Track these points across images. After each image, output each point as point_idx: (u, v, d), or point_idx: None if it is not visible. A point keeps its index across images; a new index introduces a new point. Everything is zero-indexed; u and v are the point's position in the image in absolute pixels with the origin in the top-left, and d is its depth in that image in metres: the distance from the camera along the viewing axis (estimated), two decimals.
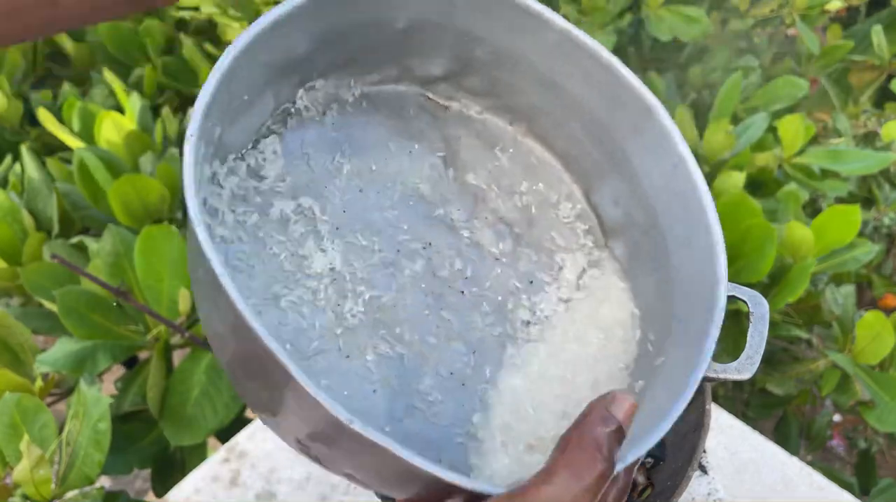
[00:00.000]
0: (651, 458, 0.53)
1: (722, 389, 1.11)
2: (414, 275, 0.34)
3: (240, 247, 0.31)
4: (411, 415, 0.32)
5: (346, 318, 0.32)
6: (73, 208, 0.94)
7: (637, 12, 1.22)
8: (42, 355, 0.76)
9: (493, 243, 0.37)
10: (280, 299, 0.31)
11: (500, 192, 0.37)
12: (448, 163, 0.37)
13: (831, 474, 0.89)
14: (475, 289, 0.36)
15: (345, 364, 0.32)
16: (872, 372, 0.86)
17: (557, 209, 0.38)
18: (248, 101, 0.30)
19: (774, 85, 1.19)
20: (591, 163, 0.36)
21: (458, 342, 0.34)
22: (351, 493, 0.61)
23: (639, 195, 0.35)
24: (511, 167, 0.38)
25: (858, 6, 1.47)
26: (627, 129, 0.34)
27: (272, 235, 0.32)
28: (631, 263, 0.37)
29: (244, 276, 0.30)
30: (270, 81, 0.30)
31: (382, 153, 0.36)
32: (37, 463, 0.59)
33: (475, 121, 0.37)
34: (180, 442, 0.78)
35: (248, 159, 0.32)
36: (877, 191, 1.15)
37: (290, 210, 0.32)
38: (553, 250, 0.37)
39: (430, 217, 0.36)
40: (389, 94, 0.35)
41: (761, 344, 0.43)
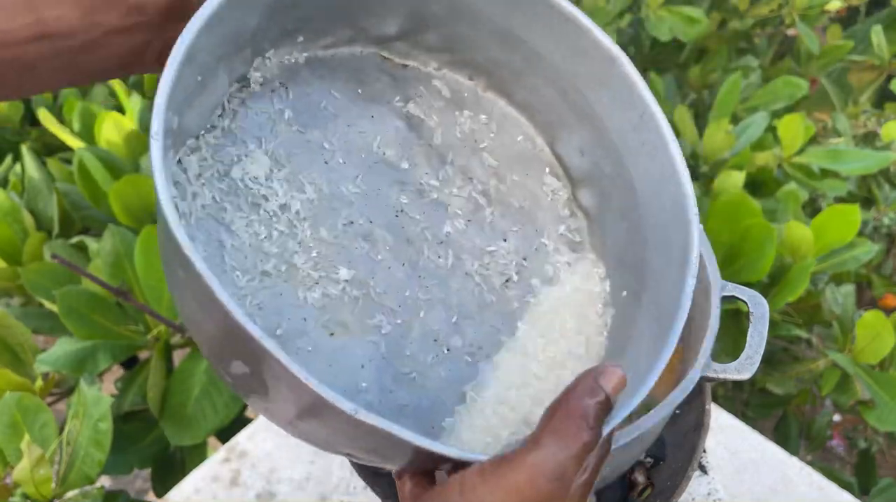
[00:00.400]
0: (651, 458, 0.53)
1: (722, 389, 1.11)
2: (388, 244, 0.34)
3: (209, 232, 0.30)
4: (401, 385, 0.32)
5: (326, 295, 0.32)
6: (73, 208, 0.94)
7: (637, 12, 1.23)
8: (42, 355, 0.76)
9: (465, 204, 0.36)
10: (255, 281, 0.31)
11: (466, 151, 0.37)
12: (412, 125, 0.36)
13: (831, 474, 0.89)
14: (451, 252, 0.35)
15: (329, 342, 0.32)
16: (872, 371, 0.86)
17: (525, 163, 0.38)
18: (202, 83, 0.29)
19: (774, 85, 1.19)
20: (555, 115, 0.36)
21: (439, 308, 0.34)
22: (351, 493, 0.61)
23: (605, 145, 0.35)
24: (474, 124, 0.37)
25: (858, 6, 1.47)
26: (591, 80, 0.34)
27: (242, 218, 0.31)
28: (600, 213, 0.37)
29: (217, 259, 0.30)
30: (222, 58, 0.30)
31: (344, 121, 0.35)
32: (37, 462, 0.59)
33: (434, 77, 0.37)
34: (180, 441, 0.78)
35: (206, 141, 0.31)
36: (876, 191, 1.15)
37: (258, 191, 0.32)
38: (524, 206, 0.37)
39: (399, 182, 0.35)
40: (345, 57, 0.35)
41: (761, 344, 0.43)
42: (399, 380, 0.33)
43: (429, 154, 0.36)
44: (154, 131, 0.25)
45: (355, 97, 0.35)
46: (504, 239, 0.37)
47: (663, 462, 0.52)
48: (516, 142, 0.37)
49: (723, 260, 0.85)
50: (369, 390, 0.32)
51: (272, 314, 0.31)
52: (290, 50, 0.33)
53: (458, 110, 0.37)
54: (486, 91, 0.37)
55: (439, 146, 0.36)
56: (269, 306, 0.31)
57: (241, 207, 0.31)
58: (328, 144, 0.34)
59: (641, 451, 0.47)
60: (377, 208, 0.35)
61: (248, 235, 0.31)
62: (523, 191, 0.37)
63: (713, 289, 0.44)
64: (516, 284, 0.36)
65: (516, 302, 0.36)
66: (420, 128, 0.36)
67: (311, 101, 0.34)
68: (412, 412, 0.32)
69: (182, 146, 0.30)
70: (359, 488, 0.60)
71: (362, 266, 0.33)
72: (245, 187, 0.32)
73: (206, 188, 0.31)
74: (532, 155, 0.38)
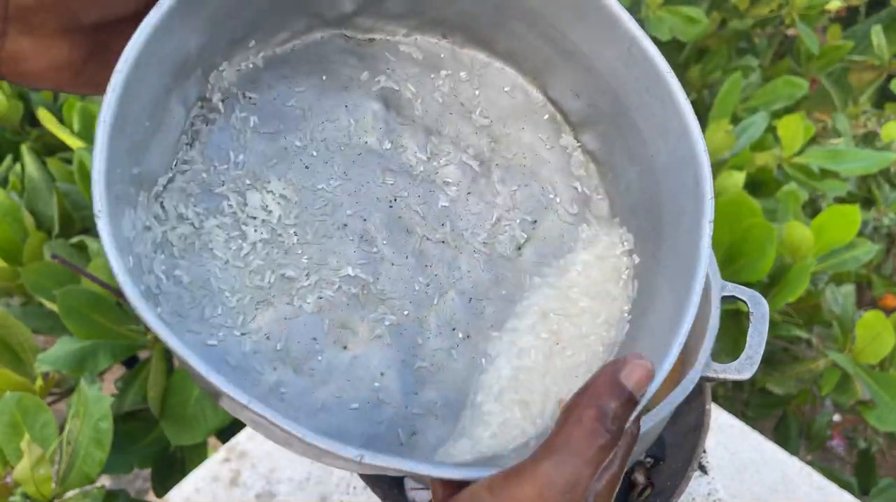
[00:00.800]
0: (651, 458, 0.53)
1: (722, 389, 1.11)
2: (388, 239, 0.32)
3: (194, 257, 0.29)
4: (425, 385, 0.31)
5: (329, 303, 0.31)
6: (73, 208, 0.94)
7: (637, 12, 1.22)
8: (43, 354, 0.76)
9: (461, 177, 0.34)
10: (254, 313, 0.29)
11: (453, 117, 0.34)
12: (389, 104, 0.34)
13: (831, 474, 0.89)
14: (454, 232, 0.33)
15: (344, 356, 0.30)
16: (872, 371, 0.86)
17: (518, 116, 0.35)
18: (154, 123, 0.27)
19: (774, 85, 1.19)
20: (541, 59, 0.33)
21: (451, 294, 0.33)
22: (351, 493, 0.61)
23: (598, 84, 0.32)
24: (454, 83, 0.34)
25: (858, 6, 1.47)
26: (570, 17, 0.31)
27: (224, 237, 0.30)
28: (609, 156, 0.34)
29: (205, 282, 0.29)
30: (170, 89, 0.27)
31: (316, 117, 0.33)
32: (37, 462, 0.59)
33: (404, 45, 0.34)
34: (181, 441, 0.78)
35: (179, 170, 0.29)
36: (876, 191, 1.15)
37: (238, 208, 0.30)
38: (524, 163, 0.35)
39: (387, 170, 0.33)
40: (305, 48, 0.32)
41: (761, 343, 0.43)
42: (422, 380, 0.31)
43: (413, 130, 0.34)
44: (97, 209, 0.22)
45: (324, 89, 0.33)
46: (508, 202, 0.34)
47: (663, 462, 0.52)
48: (504, 93, 0.35)
49: (723, 260, 0.85)
50: (391, 400, 0.30)
51: (280, 341, 0.30)
52: (245, 56, 0.31)
53: (435, 72, 0.34)
54: (464, 47, 0.34)
55: (422, 118, 0.34)
56: (275, 333, 0.30)
57: (221, 227, 0.30)
58: (304, 145, 0.32)
59: (641, 451, 0.47)
60: (369, 203, 0.33)
61: (232, 253, 0.30)
62: (521, 147, 0.35)
63: (713, 288, 0.44)
64: (529, 250, 0.34)
65: (532, 271, 0.34)
66: (399, 104, 0.34)
67: (277, 104, 0.32)
68: (441, 410, 0.31)
69: (154, 186, 0.28)
70: (359, 488, 0.60)
71: (364, 268, 0.32)
72: (225, 207, 0.30)
73: (184, 216, 0.29)
74: (524, 105, 0.35)
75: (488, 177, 0.34)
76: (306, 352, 0.30)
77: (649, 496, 0.51)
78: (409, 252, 0.33)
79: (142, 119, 0.26)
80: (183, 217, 0.29)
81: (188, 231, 0.29)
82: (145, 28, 0.24)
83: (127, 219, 0.26)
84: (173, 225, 0.29)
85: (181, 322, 0.28)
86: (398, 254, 0.32)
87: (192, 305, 0.28)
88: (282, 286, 0.30)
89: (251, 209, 0.30)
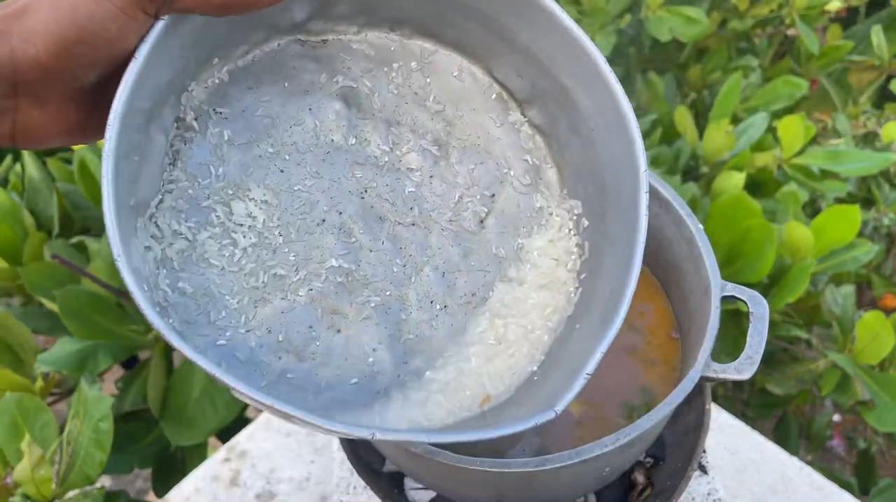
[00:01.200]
0: (651, 458, 0.53)
1: (722, 389, 1.11)
2: (364, 228, 0.35)
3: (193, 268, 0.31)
4: (413, 354, 0.35)
5: (319, 293, 0.34)
6: (73, 208, 0.94)
7: (637, 13, 1.22)
8: (43, 355, 0.76)
9: (422, 162, 0.37)
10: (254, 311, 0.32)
11: (409, 106, 0.37)
12: (349, 102, 0.36)
13: (831, 474, 0.89)
14: (422, 214, 0.36)
15: (339, 339, 0.34)
16: (872, 372, 0.86)
17: (468, 98, 0.37)
18: (141, 156, 0.29)
19: (774, 85, 1.19)
20: (484, 46, 0.36)
21: (426, 270, 0.36)
22: (351, 493, 0.61)
23: (537, 67, 0.35)
24: (408, 75, 0.37)
25: (858, 6, 1.47)
26: (506, 11, 0.34)
27: (216, 246, 0.32)
28: (553, 129, 0.37)
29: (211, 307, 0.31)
30: (151, 120, 0.30)
31: (284, 122, 0.35)
32: (37, 462, 0.59)
33: (356, 42, 0.36)
34: (181, 441, 0.78)
35: (167, 190, 0.32)
36: (876, 192, 1.15)
37: (224, 218, 0.33)
38: (478, 142, 0.38)
39: (355, 164, 0.36)
40: (265, 57, 0.34)
41: (761, 344, 0.43)
42: (410, 350, 0.35)
43: (374, 123, 0.36)
44: (116, 254, 0.25)
45: (288, 95, 0.35)
46: (468, 180, 0.37)
47: (663, 462, 0.52)
48: (453, 78, 0.37)
49: (723, 260, 0.85)
50: (385, 371, 0.34)
51: (280, 333, 0.32)
52: (211, 73, 0.33)
53: (387, 66, 0.36)
54: (412, 38, 0.36)
55: (381, 111, 0.37)
56: (275, 326, 0.32)
57: (213, 237, 0.32)
58: (276, 151, 0.34)
59: (641, 451, 0.47)
60: (342, 197, 0.35)
61: (226, 260, 0.32)
62: (474, 127, 0.38)
63: (713, 289, 0.44)
64: (491, 222, 0.37)
65: (496, 241, 0.37)
66: (358, 100, 0.36)
67: (246, 116, 0.34)
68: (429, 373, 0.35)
69: (147, 208, 0.31)
70: (359, 488, 0.60)
71: (346, 258, 0.34)
72: (213, 219, 0.32)
73: (178, 232, 0.31)
74: (472, 86, 0.37)
75: (447, 159, 0.37)
76: (305, 339, 0.33)
77: (649, 496, 0.51)
78: (384, 237, 0.36)
79: (131, 156, 0.28)
80: (177, 233, 0.31)
81: (184, 245, 0.31)
82: (126, 84, 0.26)
83: (135, 250, 0.29)
84: (170, 241, 0.31)
85: (192, 328, 0.31)
86: (374, 240, 0.35)
87: (199, 312, 0.31)
88: (275, 284, 0.33)
89: (237, 217, 0.33)
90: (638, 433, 0.38)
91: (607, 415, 0.46)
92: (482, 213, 0.37)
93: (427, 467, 0.42)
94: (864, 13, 1.51)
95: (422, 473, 0.45)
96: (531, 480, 0.39)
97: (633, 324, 0.51)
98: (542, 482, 0.40)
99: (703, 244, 0.46)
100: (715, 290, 0.44)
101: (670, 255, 0.50)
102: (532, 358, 0.36)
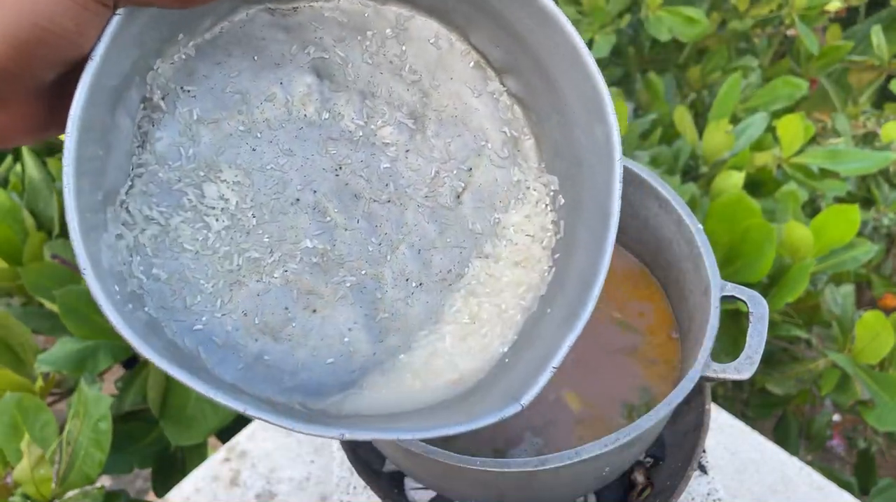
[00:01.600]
0: (651, 458, 0.53)
1: (722, 389, 1.11)
2: (339, 207, 0.34)
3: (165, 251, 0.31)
4: (388, 332, 0.34)
5: (293, 274, 0.33)
6: None
7: (636, 13, 1.23)
8: (43, 355, 0.76)
9: (398, 136, 0.36)
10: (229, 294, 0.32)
11: (384, 76, 0.35)
12: (321, 73, 0.35)
13: (831, 474, 0.89)
14: (398, 191, 0.36)
15: (315, 319, 0.33)
16: (872, 371, 0.86)
17: (446, 66, 0.36)
18: (106, 149, 0.28)
19: (774, 85, 1.19)
20: (462, 16, 0.35)
21: (402, 248, 0.35)
22: (351, 493, 0.61)
23: (512, 36, 0.34)
24: (383, 43, 0.35)
25: (858, 6, 1.47)
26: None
27: (188, 229, 0.32)
28: (532, 101, 0.36)
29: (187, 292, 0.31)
30: (116, 108, 0.29)
31: (254, 98, 0.34)
32: (37, 462, 0.59)
33: (328, 9, 0.34)
34: (181, 441, 0.78)
35: (136, 174, 0.31)
36: (876, 192, 1.15)
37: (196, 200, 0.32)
38: (456, 114, 0.36)
39: (329, 139, 0.35)
40: (233, 29, 0.33)
41: (761, 344, 0.43)
42: (385, 329, 0.35)
43: (348, 96, 0.35)
44: (82, 267, 0.25)
45: (257, 70, 0.34)
46: (444, 154, 0.36)
47: (663, 462, 0.52)
48: (429, 45, 0.36)
49: (722, 260, 0.85)
50: (361, 350, 0.34)
51: (257, 315, 0.32)
52: (176, 48, 0.31)
53: (361, 34, 0.35)
54: (387, 4, 0.35)
55: (355, 82, 0.35)
56: (251, 309, 0.32)
57: (186, 221, 0.32)
58: (247, 128, 0.33)
59: (641, 451, 0.47)
60: (317, 175, 0.34)
61: (200, 244, 0.32)
62: (451, 97, 0.36)
63: (713, 288, 0.44)
64: (468, 197, 0.36)
65: (472, 217, 0.37)
66: (330, 72, 0.35)
67: (215, 93, 0.33)
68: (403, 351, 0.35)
69: (116, 195, 0.30)
70: (359, 488, 0.60)
71: (321, 237, 0.34)
72: (185, 202, 0.32)
73: (150, 218, 0.31)
74: (449, 53, 0.36)
75: (423, 132, 0.36)
76: (281, 320, 0.33)
77: (649, 496, 0.51)
78: (359, 216, 0.35)
79: (96, 152, 0.27)
80: (149, 218, 0.31)
81: (156, 231, 0.31)
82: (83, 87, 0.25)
83: (104, 249, 0.28)
84: (142, 227, 0.30)
85: (168, 314, 0.30)
86: (350, 219, 0.35)
87: (175, 297, 0.31)
88: (249, 266, 0.32)
89: (209, 200, 0.32)
90: (638, 433, 0.38)
91: (607, 415, 0.46)
92: (459, 188, 0.36)
93: (427, 467, 0.42)
94: (864, 13, 1.51)
95: (422, 473, 0.45)
96: (531, 480, 0.39)
97: (633, 324, 0.51)
98: (542, 482, 0.40)
99: (702, 244, 0.46)
100: (715, 290, 0.44)
101: (670, 255, 0.50)
102: (504, 338, 0.36)
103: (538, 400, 0.32)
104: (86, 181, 0.26)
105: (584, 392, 0.33)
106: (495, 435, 0.45)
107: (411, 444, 0.38)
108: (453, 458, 0.38)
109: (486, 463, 0.38)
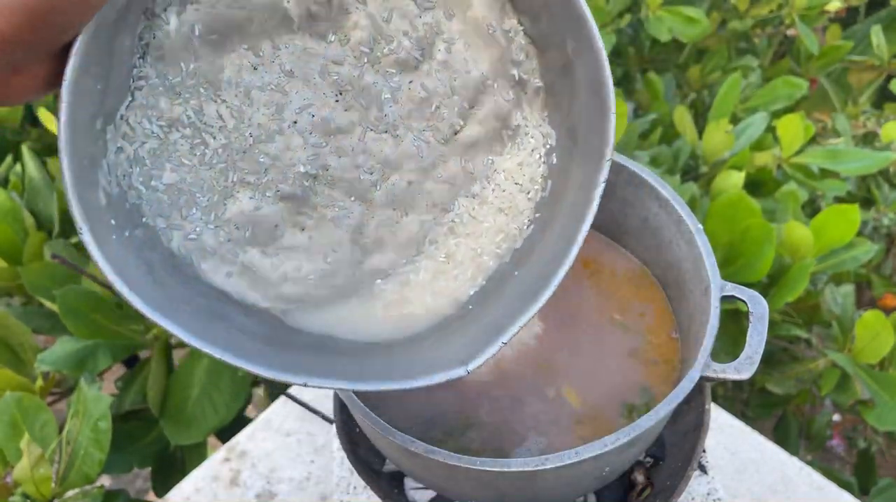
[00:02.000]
0: (651, 458, 0.53)
1: (722, 389, 1.11)
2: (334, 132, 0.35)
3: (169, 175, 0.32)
4: (369, 254, 0.36)
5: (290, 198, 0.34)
6: None
7: (637, 13, 1.23)
8: (43, 354, 0.76)
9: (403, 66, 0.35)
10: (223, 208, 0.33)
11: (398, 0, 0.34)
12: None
13: (831, 474, 0.89)
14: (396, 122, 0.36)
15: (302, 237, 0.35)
16: (872, 371, 0.86)
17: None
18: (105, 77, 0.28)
19: (774, 85, 1.19)
20: None
21: (394, 177, 0.36)
22: (351, 493, 0.61)
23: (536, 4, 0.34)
24: None
25: (858, 6, 1.47)
26: None
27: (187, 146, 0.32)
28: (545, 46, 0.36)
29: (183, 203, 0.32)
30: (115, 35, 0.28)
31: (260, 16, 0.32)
32: (37, 461, 0.59)
33: None
34: (180, 441, 0.78)
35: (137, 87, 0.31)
36: (876, 191, 1.15)
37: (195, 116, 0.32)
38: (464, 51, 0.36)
39: (332, 63, 0.34)
40: None
41: (761, 343, 0.43)
42: (367, 252, 0.36)
43: (357, 19, 0.34)
44: (79, 226, 0.26)
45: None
46: (447, 89, 0.36)
47: (663, 462, 0.52)
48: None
49: (722, 260, 0.85)
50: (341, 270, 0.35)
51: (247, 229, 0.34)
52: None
53: None
54: None
55: (365, 3, 0.34)
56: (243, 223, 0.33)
57: (185, 137, 0.32)
58: (250, 46, 0.33)
59: (641, 451, 0.47)
60: (316, 98, 0.34)
61: (198, 159, 0.32)
62: (464, 32, 0.35)
63: (713, 288, 0.44)
64: (466, 135, 0.36)
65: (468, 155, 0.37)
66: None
67: (219, 8, 0.32)
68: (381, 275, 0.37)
69: (116, 113, 0.30)
70: (359, 488, 0.60)
71: (315, 161, 0.34)
72: (184, 118, 0.32)
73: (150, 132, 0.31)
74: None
75: (430, 62, 0.35)
76: (270, 236, 0.34)
77: (649, 496, 0.51)
78: (354, 143, 0.35)
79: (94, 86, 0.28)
80: (148, 133, 0.31)
81: (155, 145, 0.31)
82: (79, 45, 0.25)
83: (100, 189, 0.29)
84: (142, 140, 0.31)
85: (166, 222, 0.32)
86: (344, 145, 0.35)
87: (172, 207, 0.32)
88: (244, 183, 0.33)
89: (208, 118, 0.32)
90: (638, 433, 0.38)
91: (607, 415, 0.46)
92: (457, 125, 0.36)
93: (427, 467, 0.42)
94: (864, 13, 1.51)
95: (422, 473, 0.45)
96: (531, 480, 0.39)
97: (634, 324, 0.51)
98: (542, 482, 0.40)
99: (702, 244, 0.46)
100: (715, 290, 0.44)
101: (670, 255, 0.50)
102: (474, 281, 0.37)
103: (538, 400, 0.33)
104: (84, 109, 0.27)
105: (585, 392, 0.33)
106: (497, 435, 0.45)
107: (411, 444, 0.38)
108: (453, 458, 0.38)
109: (486, 463, 0.38)
